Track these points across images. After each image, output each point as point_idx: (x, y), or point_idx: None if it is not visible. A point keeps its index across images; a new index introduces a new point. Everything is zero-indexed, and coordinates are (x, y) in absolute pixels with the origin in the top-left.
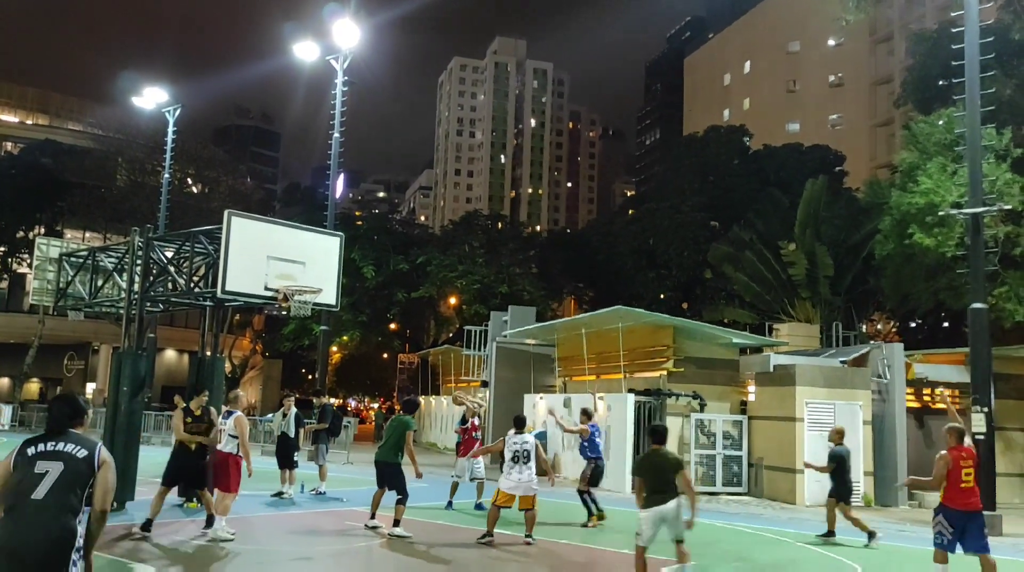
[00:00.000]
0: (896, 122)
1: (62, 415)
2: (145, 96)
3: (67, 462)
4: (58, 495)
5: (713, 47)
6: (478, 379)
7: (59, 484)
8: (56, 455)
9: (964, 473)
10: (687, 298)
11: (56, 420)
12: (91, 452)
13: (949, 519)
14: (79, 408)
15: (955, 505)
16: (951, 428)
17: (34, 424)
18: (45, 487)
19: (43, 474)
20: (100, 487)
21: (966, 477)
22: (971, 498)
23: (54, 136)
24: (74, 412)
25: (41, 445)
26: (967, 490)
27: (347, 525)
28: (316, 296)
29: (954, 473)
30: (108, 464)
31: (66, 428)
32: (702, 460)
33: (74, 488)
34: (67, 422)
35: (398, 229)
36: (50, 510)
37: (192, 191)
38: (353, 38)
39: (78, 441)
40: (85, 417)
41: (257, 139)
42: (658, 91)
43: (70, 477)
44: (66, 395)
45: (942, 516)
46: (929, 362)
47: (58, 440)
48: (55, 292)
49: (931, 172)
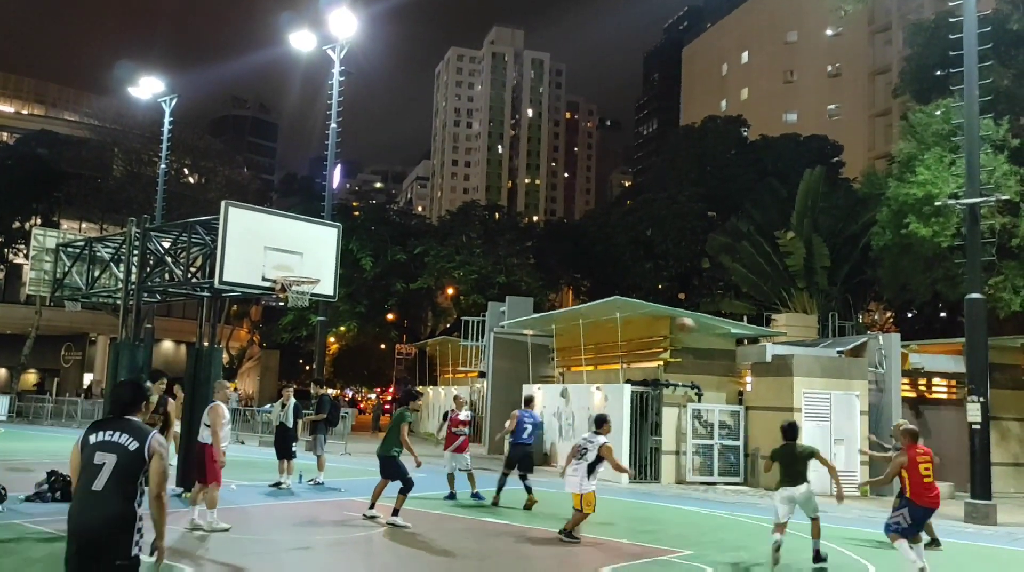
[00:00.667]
0: (894, 112)
1: (121, 401)
2: (141, 86)
3: (120, 455)
4: (114, 485)
5: (711, 37)
6: (476, 370)
7: (115, 475)
8: (111, 446)
9: (923, 469)
10: (684, 289)
11: (115, 406)
12: (142, 444)
13: (913, 514)
14: (140, 393)
15: (921, 501)
16: (905, 430)
17: (31, 414)
18: (103, 479)
19: (101, 465)
20: (152, 475)
21: (925, 472)
22: (932, 494)
23: (50, 126)
24: (133, 398)
25: (101, 433)
26: (928, 485)
27: (345, 515)
28: (313, 286)
29: (913, 471)
30: (158, 452)
31: (125, 414)
32: (699, 450)
33: (129, 477)
34: (126, 408)
35: (395, 220)
36: (108, 499)
37: (189, 182)
38: (350, 28)
39: (133, 432)
40: (146, 402)
41: (254, 129)
42: (656, 81)
43: (124, 468)
44: (129, 380)
45: (906, 510)
46: (925, 352)
47: (115, 430)
48: (52, 282)
49: (928, 163)
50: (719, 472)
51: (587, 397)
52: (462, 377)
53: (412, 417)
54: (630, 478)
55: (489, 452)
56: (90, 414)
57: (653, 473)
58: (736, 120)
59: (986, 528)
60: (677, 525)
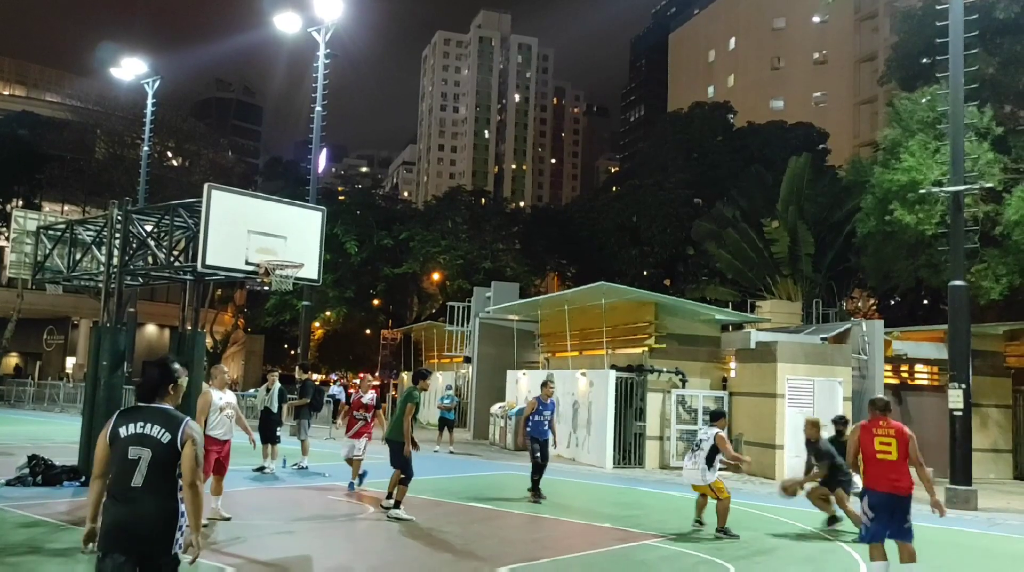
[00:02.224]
0: (879, 100)
1: (151, 383)
2: (124, 67)
3: (154, 449)
4: (152, 480)
5: (698, 23)
6: (461, 355)
7: (151, 470)
8: (144, 440)
9: (879, 443)
10: (670, 275)
11: (144, 390)
12: (175, 435)
13: (871, 502)
14: (169, 375)
15: (876, 485)
16: (871, 400)
17: (12, 398)
18: (140, 475)
19: (136, 460)
20: (184, 464)
21: (882, 447)
22: (894, 475)
23: (31, 107)
24: (163, 378)
25: (132, 425)
26: (888, 464)
27: (329, 499)
28: (298, 271)
29: (866, 445)
30: (191, 440)
31: (154, 399)
32: (683, 436)
33: (165, 472)
34: (157, 391)
35: (381, 204)
36: (147, 495)
37: (172, 164)
38: (336, 10)
39: (164, 422)
40: (178, 383)
41: (238, 113)
42: (643, 67)
43: (159, 462)
44: (159, 360)
45: (865, 500)
46: (908, 339)
47: (146, 421)
48: (33, 265)
49: (913, 150)
50: None
51: (572, 383)
52: (447, 362)
53: (420, 397)
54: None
55: (474, 437)
56: (72, 398)
57: (637, 458)
58: (723, 107)
59: (967, 513)
60: (660, 510)
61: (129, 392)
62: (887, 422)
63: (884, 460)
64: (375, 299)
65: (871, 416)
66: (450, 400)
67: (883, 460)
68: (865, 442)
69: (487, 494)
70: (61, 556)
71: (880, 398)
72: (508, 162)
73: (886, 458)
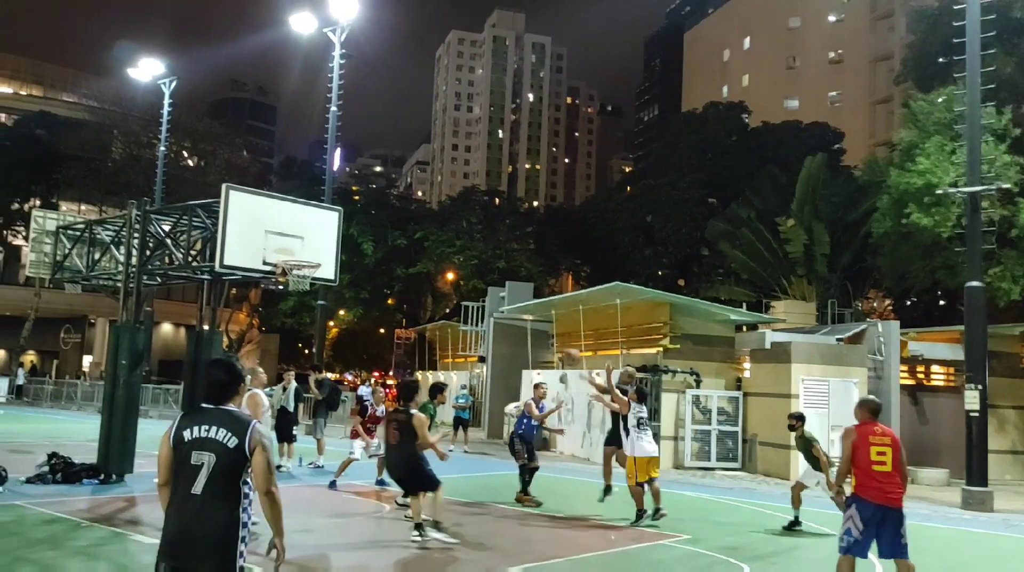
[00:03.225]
0: (895, 99)
1: (218, 383)
2: (141, 68)
3: (219, 454)
4: (215, 488)
5: (713, 22)
6: (475, 355)
7: (214, 477)
8: (209, 444)
9: (876, 452)
10: (684, 275)
11: (213, 390)
12: (242, 439)
13: (862, 514)
14: (236, 375)
15: (869, 495)
16: (863, 400)
17: (31, 396)
18: (202, 481)
19: (199, 466)
20: (256, 472)
21: (878, 457)
22: (888, 487)
23: (49, 108)
24: (230, 380)
25: (196, 429)
26: (882, 475)
27: (345, 498)
28: (315, 271)
29: (861, 452)
30: (260, 445)
31: (223, 400)
32: (697, 436)
33: (229, 478)
34: (225, 392)
35: (395, 204)
36: (209, 503)
37: (188, 164)
38: (351, 10)
39: (230, 425)
40: (243, 384)
41: (253, 112)
42: (657, 67)
43: (224, 468)
44: (222, 360)
45: (854, 509)
46: (924, 340)
47: (211, 424)
48: (52, 265)
49: (929, 151)
50: (717, 457)
51: (586, 383)
52: (462, 362)
53: (434, 410)
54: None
55: (488, 436)
56: (90, 396)
57: None
58: (737, 106)
59: (983, 515)
60: (675, 509)
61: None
62: (882, 429)
63: (879, 471)
64: (390, 299)
65: (864, 419)
66: (465, 399)
67: (879, 471)
68: (861, 449)
69: (501, 494)
70: (82, 554)
71: (874, 400)
72: (522, 162)
73: (881, 469)
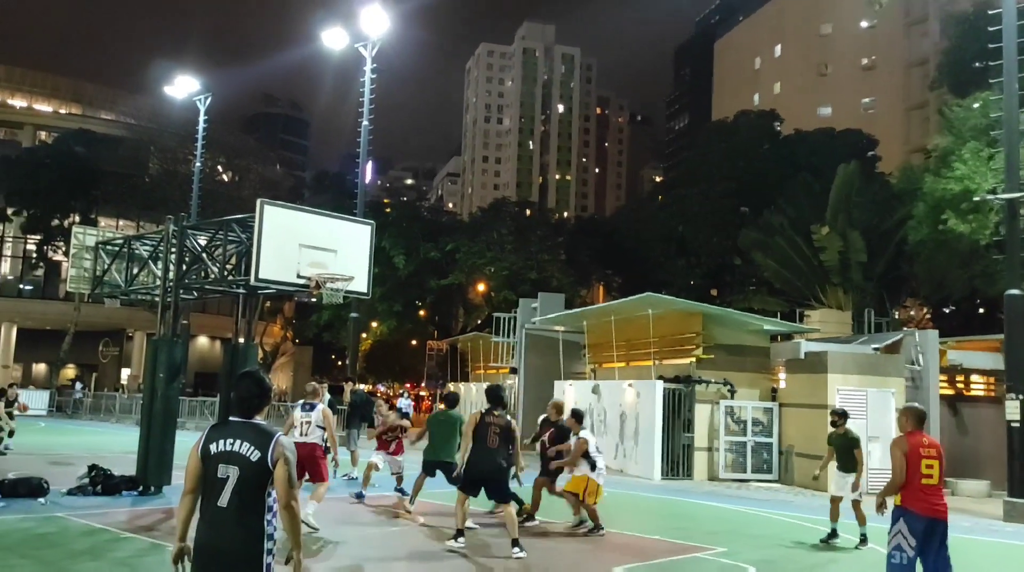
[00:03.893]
0: (931, 105)
1: (250, 396)
2: (177, 85)
3: (243, 467)
4: (240, 500)
5: (743, 31)
6: (507, 366)
7: (239, 489)
8: (233, 457)
9: (925, 465)
10: (716, 285)
11: (244, 404)
12: (264, 453)
13: (912, 527)
14: (267, 390)
15: (918, 508)
16: (908, 408)
17: (70, 409)
18: (227, 494)
19: (224, 479)
20: (277, 484)
21: (927, 470)
22: (935, 499)
23: (88, 125)
24: (260, 392)
25: (222, 442)
26: (930, 489)
27: (378, 510)
28: (348, 284)
29: (912, 464)
30: (283, 457)
31: (251, 413)
32: (732, 447)
33: (253, 491)
34: (253, 405)
35: (427, 216)
36: (234, 515)
37: (223, 179)
38: (381, 26)
39: (255, 439)
40: (270, 396)
41: (286, 127)
42: (687, 76)
43: (248, 481)
44: (251, 373)
45: (902, 523)
46: (963, 349)
47: (236, 437)
48: (92, 280)
49: (965, 158)
50: (752, 469)
51: (619, 394)
52: (494, 373)
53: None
54: None
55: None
56: (128, 409)
57: (686, 470)
58: (769, 114)
59: (1019, 527)
60: (710, 522)
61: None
62: (929, 440)
63: (927, 484)
64: (422, 311)
65: (912, 429)
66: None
67: (926, 484)
68: (911, 461)
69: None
70: (123, 565)
71: (920, 408)
72: (552, 172)
73: (929, 483)
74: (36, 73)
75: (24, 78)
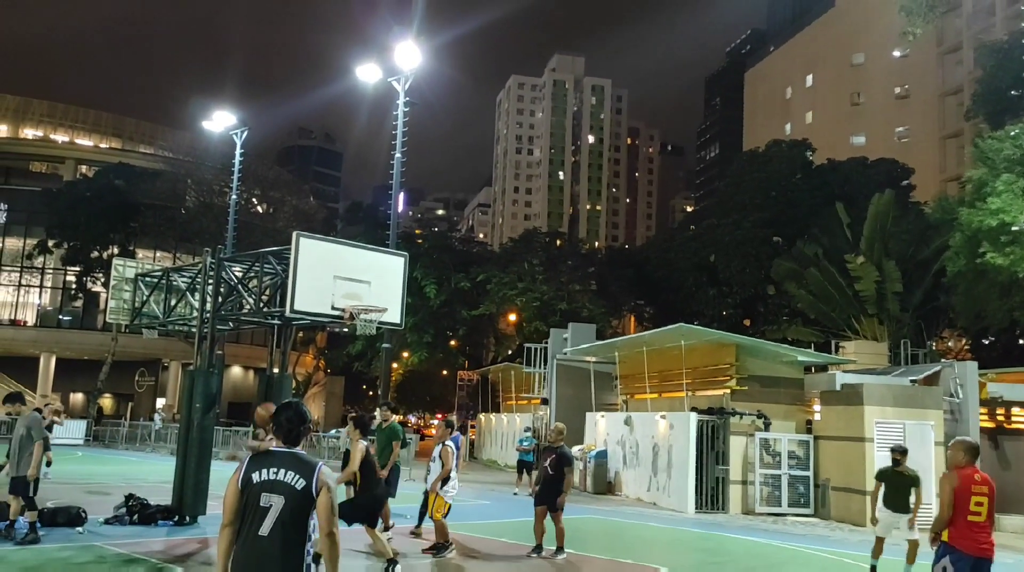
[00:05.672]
0: (966, 134)
1: (292, 426)
2: (214, 119)
3: (287, 496)
4: (282, 530)
5: (774, 60)
6: (538, 396)
7: (282, 519)
8: (278, 486)
9: (974, 503)
10: (749, 315)
11: (288, 432)
12: (309, 482)
13: (958, 567)
14: (306, 420)
15: (965, 547)
16: (960, 442)
17: (107, 439)
18: (269, 523)
19: (267, 508)
20: (320, 512)
21: (976, 508)
22: (982, 537)
23: (127, 159)
24: (301, 422)
25: (265, 471)
26: (977, 526)
27: (410, 539)
28: (381, 315)
29: (961, 499)
30: (326, 487)
31: (293, 443)
32: (767, 480)
33: (297, 520)
34: (293, 434)
35: (458, 247)
36: (276, 545)
37: (258, 211)
38: (414, 60)
39: (299, 467)
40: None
41: (320, 159)
42: (718, 106)
43: (292, 511)
44: (292, 405)
45: (948, 560)
46: (1004, 381)
47: (280, 466)
48: (131, 311)
49: (1000, 190)
50: (788, 503)
51: (652, 425)
52: (525, 404)
53: None
54: None
55: None
56: (164, 437)
57: (720, 503)
58: (801, 144)
59: None
60: (746, 557)
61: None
62: (982, 476)
63: (974, 521)
64: (453, 341)
65: (964, 463)
66: (528, 442)
67: (973, 521)
68: (961, 497)
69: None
70: None
71: (972, 441)
72: (583, 203)
73: (977, 520)
74: (78, 108)
75: (67, 113)
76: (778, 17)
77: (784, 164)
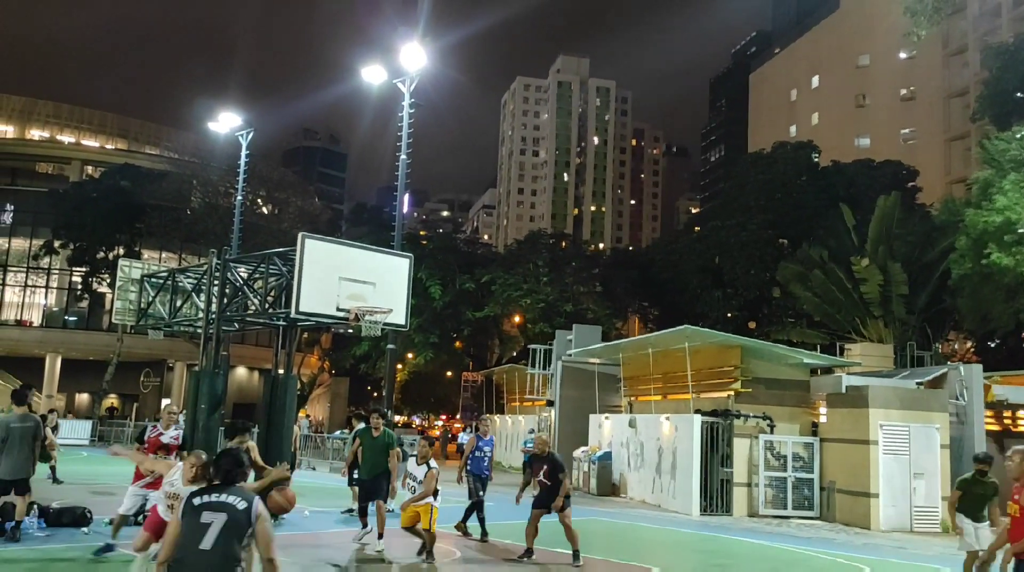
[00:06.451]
0: (972, 136)
1: (232, 468)
2: (220, 121)
3: (230, 513)
4: (223, 544)
5: (779, 62)
6: (543, 398)
7: (223, 534)
8: (220, 506)
9: None
10: (754, 317)
11: (227, 474)
12: (250, 504)
13: None
14: (242, 466)
15: None
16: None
17: (111, 439)
18: (211, 537)
19: (208, 524)
20: (261, 538)
21: None
22: None
23: (133, 160)
24: (238, 466)
25: (207, 496)
26: None
27: (416, 542)
28: (386, 316)
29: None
30: (264, 516)
31: (234, 482)
32: (771, 482)
33: (236, 538)
34: (236, 476)
35: (463, 248)
36: (216, 559)
37: (263, 212)
38: (419, 61)
39: (240, 494)
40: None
41: (325, 160)
42: (723, 107)
43: (232, 527)
44: (229, 452)
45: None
46: (1009, 384)
47: (222, 492)
48: (136, 312)
49: (1006, 190)
50: (793, 505)
51: (656, 427)
52: (529, 405)
53: None
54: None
55: None
56: None
57: (724, 505)
58: (806, 145)
59: None
60: (750, 559)
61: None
62: None
63: None
64: (458, 342)
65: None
66: (533, 444)
67: None
68: None
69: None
70: None
71: None
72: (587, 204)
73: None
74: (84, 109)
75: (72, 114)
76: (783, 19)
77: (789, 166)
